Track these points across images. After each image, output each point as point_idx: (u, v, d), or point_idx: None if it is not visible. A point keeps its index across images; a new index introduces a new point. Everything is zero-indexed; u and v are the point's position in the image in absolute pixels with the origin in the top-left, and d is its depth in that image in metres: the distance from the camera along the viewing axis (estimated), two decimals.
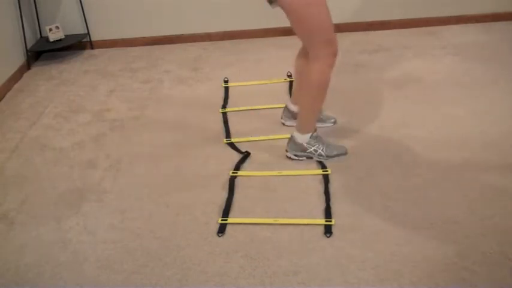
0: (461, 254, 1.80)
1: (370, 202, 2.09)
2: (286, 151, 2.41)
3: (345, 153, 2.40)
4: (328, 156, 2.36)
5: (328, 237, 1.93)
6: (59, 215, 2.18)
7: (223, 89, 3.15)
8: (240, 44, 3.84)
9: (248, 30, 3.87)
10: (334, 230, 1.96)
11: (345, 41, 3.74)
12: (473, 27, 3.79)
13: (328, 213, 2.03)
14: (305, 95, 2.31)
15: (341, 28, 3.91)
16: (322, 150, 2.35)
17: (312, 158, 2.38)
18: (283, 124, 2.68)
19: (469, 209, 2.01)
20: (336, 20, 3.91)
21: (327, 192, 2.15)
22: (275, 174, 2.31)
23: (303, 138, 2.34)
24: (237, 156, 2.46)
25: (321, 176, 2.27)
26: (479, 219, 1.96)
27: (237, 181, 2.29)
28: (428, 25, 3.86)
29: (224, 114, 2.86)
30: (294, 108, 2.58)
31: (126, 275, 1.84)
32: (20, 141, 2.79)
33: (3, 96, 3.33)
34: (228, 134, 2.66)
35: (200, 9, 3.84)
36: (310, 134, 2.33)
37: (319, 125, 2.56)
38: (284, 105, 2.68)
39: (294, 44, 3.81)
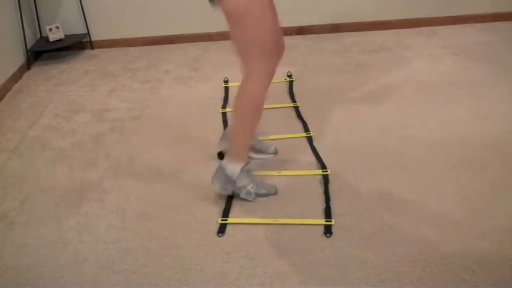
0: (461, 254, 1.80)
1: (370, 202, 2.09)
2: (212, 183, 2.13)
3: (275, 193, 2.16)
4: (257, 195, 2.12)
5: (328, 237, 1.93)
6: (59, 215, 2.18)
7: (223, 89, 3.15)
8: None
9: None
10: (334, 230, 1.95)
11: (345, 41, 3.74)
12: (473, 27, 3.79)
13: (328, 213, 2.03)
14: (236, 116, 2.07)
15: (341, 28, 3.92)
16: (251, 187, 2.09)
17: (238, 195, 2.12)
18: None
19: (469, 209, 2.01)
20: (336, 20, 3.98)
21: (326, 192, 2.14)
22: (275, 174, 2.31)
23: (232, 169, 2.08)
24: None
25: (320, 176, 2.26)
26: (479, 219, 1.96)
27: None
28: (428, 25, 3.86)
29: (224, 114, 2.86)
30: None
31: (126, 275, 1.84)
32: (20, 141, 2.78)
33: (3, 96, 3.33)
34: None
35: (200, 9, 3.82)
36: (242, 165, 2.08)
37: (261, 156, 2.39)
38: (283, 105, 2.68)
39: (294, 44, 3.83)
